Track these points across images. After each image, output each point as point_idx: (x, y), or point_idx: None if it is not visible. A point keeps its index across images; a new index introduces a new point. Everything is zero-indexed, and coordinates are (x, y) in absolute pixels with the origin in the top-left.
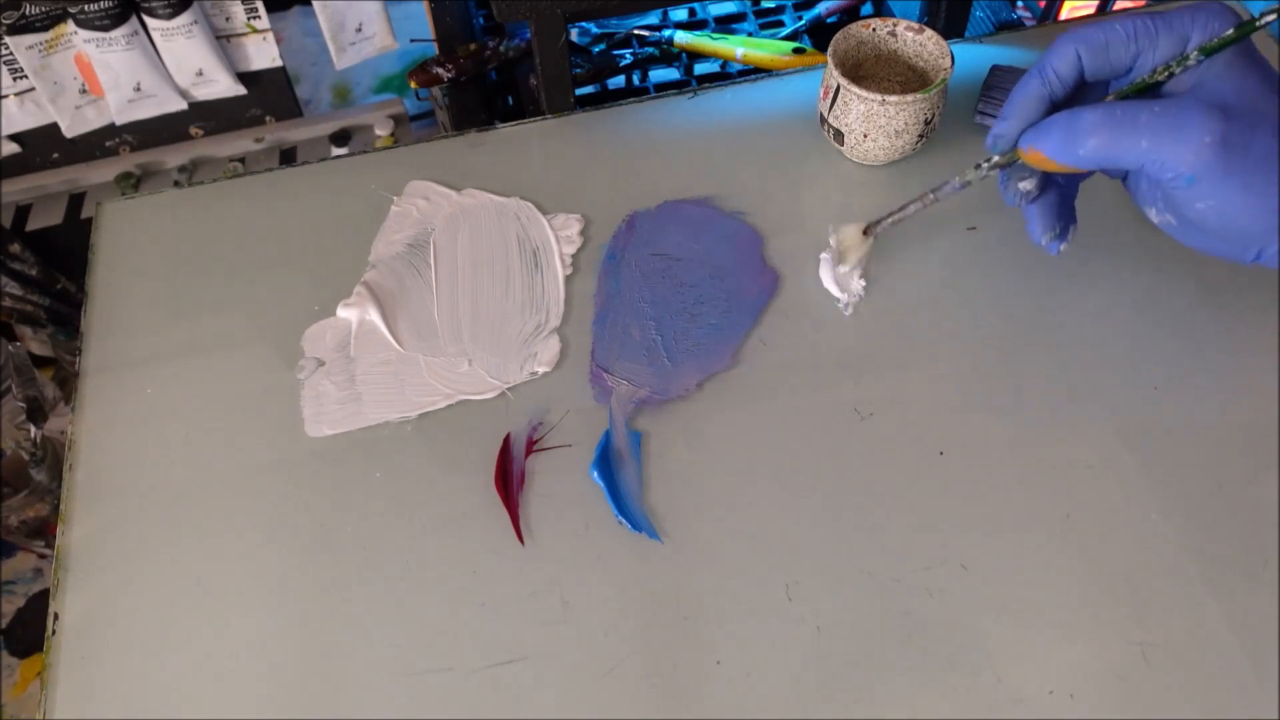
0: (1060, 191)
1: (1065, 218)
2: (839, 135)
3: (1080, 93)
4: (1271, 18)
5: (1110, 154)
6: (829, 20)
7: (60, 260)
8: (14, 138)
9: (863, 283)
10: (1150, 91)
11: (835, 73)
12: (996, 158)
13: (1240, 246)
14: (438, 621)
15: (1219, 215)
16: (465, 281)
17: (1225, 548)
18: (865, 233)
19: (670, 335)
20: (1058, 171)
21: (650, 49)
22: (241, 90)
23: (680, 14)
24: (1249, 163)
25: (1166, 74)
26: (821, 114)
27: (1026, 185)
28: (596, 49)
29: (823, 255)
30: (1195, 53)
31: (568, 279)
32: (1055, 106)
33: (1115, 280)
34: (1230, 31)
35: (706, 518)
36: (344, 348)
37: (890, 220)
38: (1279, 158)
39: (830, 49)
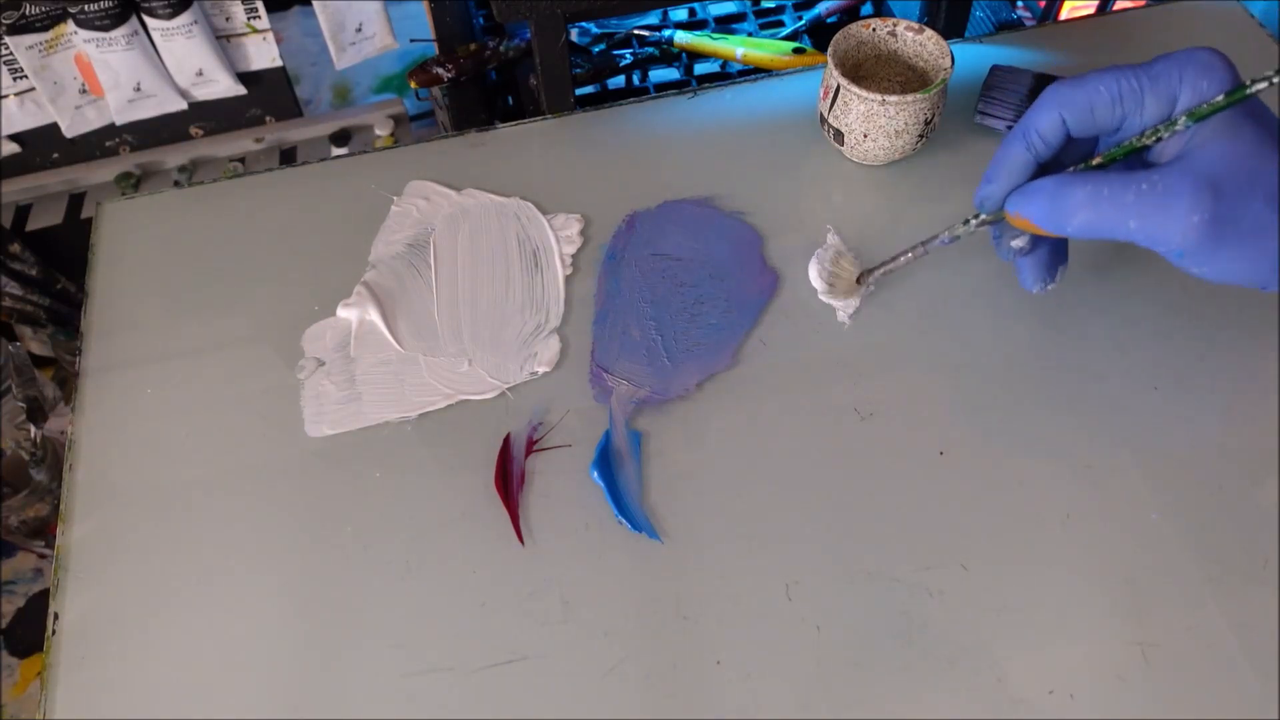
0: (1052, 243)
1: (1056, 263)
2: (839, 135)
3: (1067, 149)
4: (1262, 85)
5: (1097, 230)
6: (829, 20)
7: (60, 260)
8: (14, 138)
9: (858, 298)
10: (1139, 154)
11: (835, 73)
12: (984, 215)
13: (1242, 286)
14: (438, 621)
15: (1215, 276)
16: (465, 281)
17: (1225, 548)
18: (859, 281)
19: (670, 335)
20: (1046, 236)
21: (650, 49)
22: (241, 90)
23: (680, 14)
24: (1240, 235)
25: (1154, 138)
26: (821, 114)
27: (1019, 243)
28: (596, 49)
29: (817, 251)
30: (1184, 118)
31: (568, 279)
32: (1042, 167)
33: (1116, 280)
34: (1220, 98)
35: (706, 518)
36: (344, 348)
37: (883, 270)
38: (1276, 221)
39: (830, 49)
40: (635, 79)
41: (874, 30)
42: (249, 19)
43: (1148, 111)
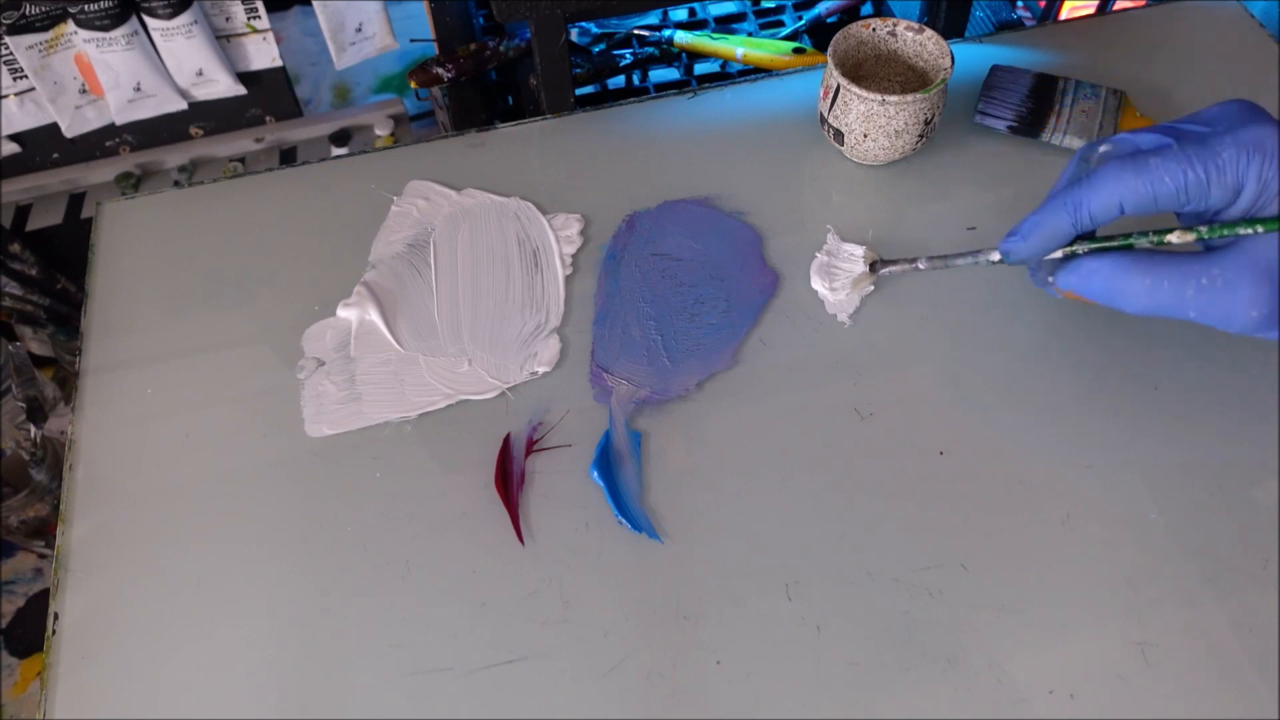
0: None
1: None
2: (839, 135)
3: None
4: None
5: (1153, 313)
6: (829, 20)
7: (60, 260)
8: (14, 138)
9: (858, 298)
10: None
11: (835, 73)
12: (1004, 258)
13: None
14: (438, 621)
15: (1270, 339)
16: (465, 281)
17: (1225, 548)
18: (872, 269)
19: (670, 335)
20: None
21: (650, 49)
22: (241, 90)
23: (680, 14)
24: None
25: (1218, 235)
26: (821, 114)
27: (1053, 278)
28: (596, 49)
29: (817, 255)
30: (1252, 226)
31: (568, 279)
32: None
33: None
34: None
35: (706, 518)
36: (344, 348)
37: (899, 268)
38: None
39: (830, 49)
40: (635, 79)
41: (874, 30)
42: (249, 19)
43: (1212, 200)
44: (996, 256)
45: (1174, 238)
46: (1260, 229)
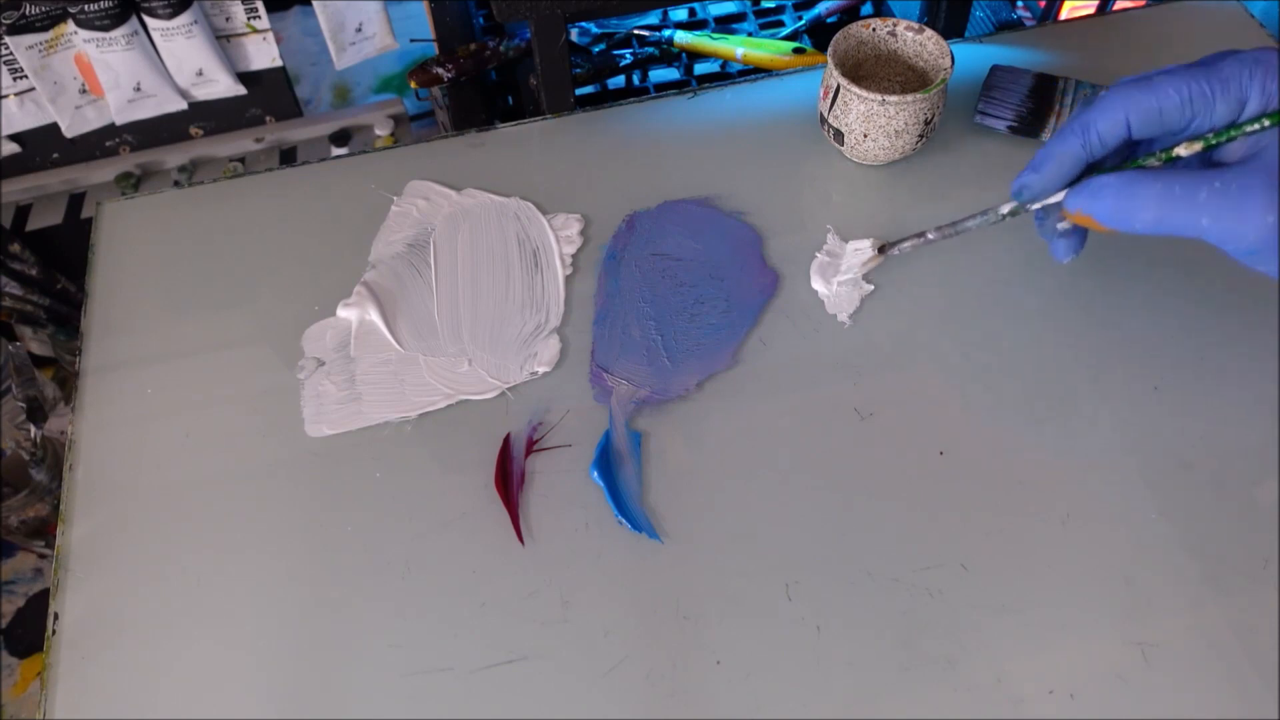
0: None
1: (1085, 234)
2: (839, 135)
3: (1123, 149)
4: None
5: (1164, 227)
6: (829, 20)
7: (60, 260)
8: (14, 138)
9: (858, 298)
10: (1201, 152)
11: (835, 73)
12: (1014, 205)
13: None
14: (438, 621)
15: (1276, 272)
16: (465, 281)
17: (1225, 548)
18: (881, 251)
19: (670, 335)
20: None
21: (650, 49)
22: (241, 90)
23: (680, 14)
24: None
25: (1226, 139)
26: (821, 114)
27: (1064, 225)
28: (596, 49)
29: (817, 255)
30: (1266, 120)
31: (568, 279)
32: (1092, 166)
33: (1116, 280)
34: None
35: (706, 518)
36: (344, 348)
37: (909, 244)
38: None
39: (830, 49)
40: (635, 79)
41: (874, 30)
42: (249, 19)
43: (1217, 115)
44: (1007, 208)
45: (1181, 149)
46: (1267, 123)
